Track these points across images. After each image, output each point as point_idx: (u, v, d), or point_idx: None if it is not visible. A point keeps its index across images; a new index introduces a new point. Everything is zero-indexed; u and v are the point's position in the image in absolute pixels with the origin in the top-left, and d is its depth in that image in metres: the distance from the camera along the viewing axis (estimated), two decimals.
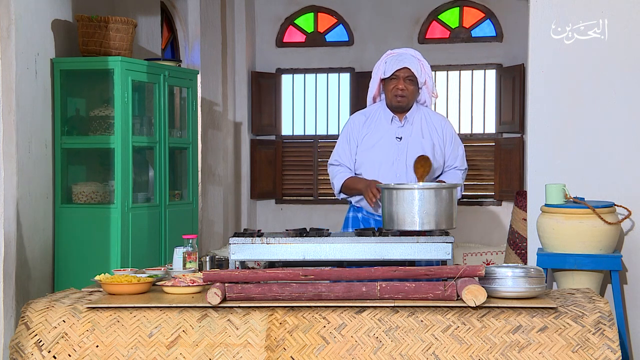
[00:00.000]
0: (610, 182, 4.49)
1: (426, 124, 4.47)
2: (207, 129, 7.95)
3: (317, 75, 9.52)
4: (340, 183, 4.47)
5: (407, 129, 4.45)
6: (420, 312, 3.13)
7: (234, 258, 3.87)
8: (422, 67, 4.44)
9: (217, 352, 3.11)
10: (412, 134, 4.44)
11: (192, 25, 7.83)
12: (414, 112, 4.47)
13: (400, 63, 4.37)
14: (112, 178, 5.22)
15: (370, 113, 4.52)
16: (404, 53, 4.46)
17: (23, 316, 3.27)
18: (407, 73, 4.38)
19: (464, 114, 9.25)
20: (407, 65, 4.37)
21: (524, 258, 6.44)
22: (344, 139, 4.52)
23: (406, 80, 4.39)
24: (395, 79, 4.40)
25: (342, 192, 4.50)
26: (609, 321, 3.08)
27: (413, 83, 4.41)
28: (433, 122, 4.49)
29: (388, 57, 4.48)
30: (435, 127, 4.47)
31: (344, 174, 4.47)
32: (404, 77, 4.39)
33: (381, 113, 4.48)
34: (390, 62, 4.42)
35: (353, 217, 4.54)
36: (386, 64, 4.44)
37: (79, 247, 5.10)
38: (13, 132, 4.47)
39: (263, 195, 9.44)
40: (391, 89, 4.41)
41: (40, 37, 4.86)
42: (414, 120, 4.46)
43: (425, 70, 4.46)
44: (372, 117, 4.50)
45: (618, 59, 4.49)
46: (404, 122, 4.45)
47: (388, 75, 4.41)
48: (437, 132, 4.47)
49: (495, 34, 9.07)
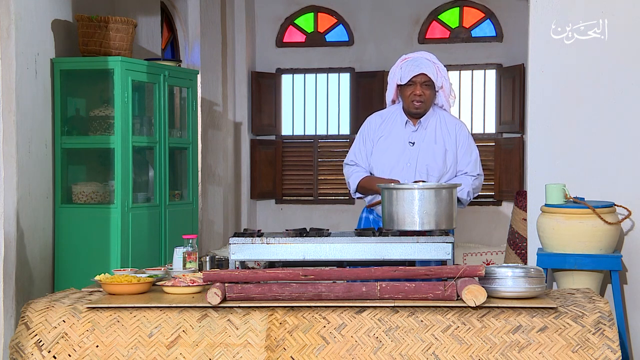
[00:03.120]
0: (610, 182, 4.49)
1: (440, 129, 4.47)
2: (207, 129, 7.95)
3: (317, 75, 9.52)
4: (356, 182, 4.50)
5: (421, 134, 4.46)
6: (420, 312, 3.13)
7: (234, 258, 3.87)
8: (438, 70, 4.44)
9: (217, 352, 3.11)
10: (425, 139, 4.45)
11: (192, 25, 7.83)
12: (430, 117, 4.48)
13: (416, 69, 4.36)
14: (112, 178, 5.22)
15: (387, 115, 4.54)
16: (419, 58, 4.45)
17: (23, 316, 3.27)
18: (424, 78, 4.38)
19: (464, 114, 9.25)
20: (423, 71, 4.36)
21: (524, 258, 6.44)
22: (360, 140, 4.55)
23: (423, 86, 4.39)
24: (412, 85, 4.39)
25: (358, 192, 4.54)
26: (609, 321, 3.08)
27: (430, 88, 4.41)
28: (447, 126, 4.50)
29: (403, 63, 4.47)
30: (449, 132, 4.48)
31: (359, 174, 4.51)
32: (421, 83, 4.39)
33: (397, 116, 4.50)
34: (405, 68, 4.41)
35: (366, 217, 4.58)
36: (402, 70, 4.43)
37: (79, 247, 5.10)
38: (13, 132, 4.47)
39: (263, 195, 9.44)
40: (408, 94, 4.41)
41: (40, 37, 4.86)
42: (429, 124, 4.47)
43: (441, 74, 4.45)
44: (389, 119, 4.52)
45: (618, 59, 4.49)
46: (417, 127, 4.47)
47: (405, 82, 4.40)
48: (450, 137, 4.47)
49: (495, 34, 9.07)
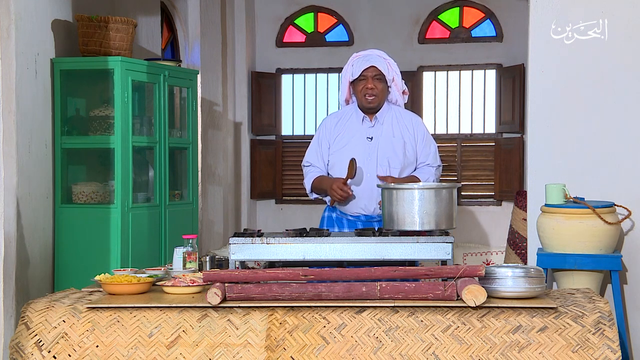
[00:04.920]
0: (610, 182, 4.49)
1: (397, 123, 4.52)
2: (207, 129, 7.95)
3: (317, 75, 9.53)
4: (310, 182, 4.59)
5: (378, 129, 4.51)
6: (420, 312, 3.13)
7: (234, 258, 3.87)
8: (389, 65, 4.51)
9: (217, 352, 3.11)
10: (382, 133, 4.50)
11: (192, 25, 7.83)
12: (385, 112, 4.53)
13: (366, 63, 4.44)
14: (112, 178, 5.22)
15: (343, 114, 4.60)
16: (369, 54, 4.53)
17: (23, 316, 3.27)
18: (375, 72, 4.44)
19: (464, 114, 9.25)
20: (373, 64, 4.43)
21: (524, 258, 6.45)
22: (315, 142, 4.62)
23: (374, 79, 4.45)
24: (364, 79, 4.46)
25: (313, 192, 4.63)
26: (609, 321, 3.08)
27: (382, 82, 4.47)
28: (404, 120, 4.55)
29: (354, 60, 4.55)
30: (406, 126, 4.53)
31: (313, 174, 4.58)
32: (372, 76, 4.45)
33: (353, 114, 4.56)
34: (357, 64, 4.49)
35: (328, 216, 4.65)
36: (353, 67, 4.51)
37: (79, 247, 5.10)
38: (13, 132, 4.47)
39: (263, 195, 9.44)
40: (360, 89, 4.48)
41: (40, 37, 4.86)
42: (385, 120, 4.52)
43: (392, 68, 4.52)
44: (345, 118, 4.58)
45: (618, 59, 4.49)
46: (374, 122, 4.52)
47: (356, 77, 4.47)
48: (408, 131, 4.53)
49: (495, 34, 9.07)
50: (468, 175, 9.10)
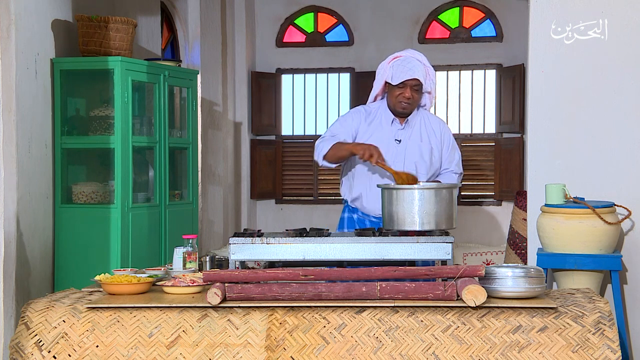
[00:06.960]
0: (610, 182, 4.49)
1: (425, 128, 4.47)
2: (207, 129, 7.95)
3: (317, 75, 9.52)
4: (328, 145, 4.32)
5: (407, 132, 4.45)
6: (420, 312, 3.13)
7: (234, 258, 3.87)
8: (428, 73, 4.41)
9: (217, 352, 3.11)
10: (411, 136, 4.44)
11: (192, 25, 7.83)
12: (414, 116, 4.47)
13: (409, 72, 4.31)
14: (112, 178, 5.22)
15: (372, 110, 4.50)
16: (411, 59, 4.38)
17: (23, 316, 3.27)
18: (415, 82, 4.34)
19: (464, 114, 9.25)
20: (416, 77, 4.32)
21: (524, 258, 6.45)
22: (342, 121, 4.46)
23: (413, 89, 4.36)
24: (403, 87, 4.35)
25: (326, 159, 4.35)
26: (609, 321, 3.08)
27: (419, 92, 4.40)
28: (432, 125, 4.50)
29: (395, 62, 4.40)
30: (434, 131, 4.48)
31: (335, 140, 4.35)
32: (412, 86, 4.35)
33: (382, 113, 4.47)
34: (397, 69, 4.36)
35: (349, 217, 4.52)
36: (393, 69, 4.37)
37: (79, 247, 5.10)
38: (13, 132, 4.47)
39: (263, 195, 9.44)
40: (397, 95, 4.37)
41: (40, 37, 4.86)
42: (415, 123, 4.46)
43: (430, 77, 4.43)
44: (373, 114, 4.48)
45: (618, 59, 4.49)
46: (404, 125, 4.45)
47: (396, 83, 4.36)
48: (435, 136, 4.48)
49: (495, 34, 9.07)
50: (468, 175, 9.09)
